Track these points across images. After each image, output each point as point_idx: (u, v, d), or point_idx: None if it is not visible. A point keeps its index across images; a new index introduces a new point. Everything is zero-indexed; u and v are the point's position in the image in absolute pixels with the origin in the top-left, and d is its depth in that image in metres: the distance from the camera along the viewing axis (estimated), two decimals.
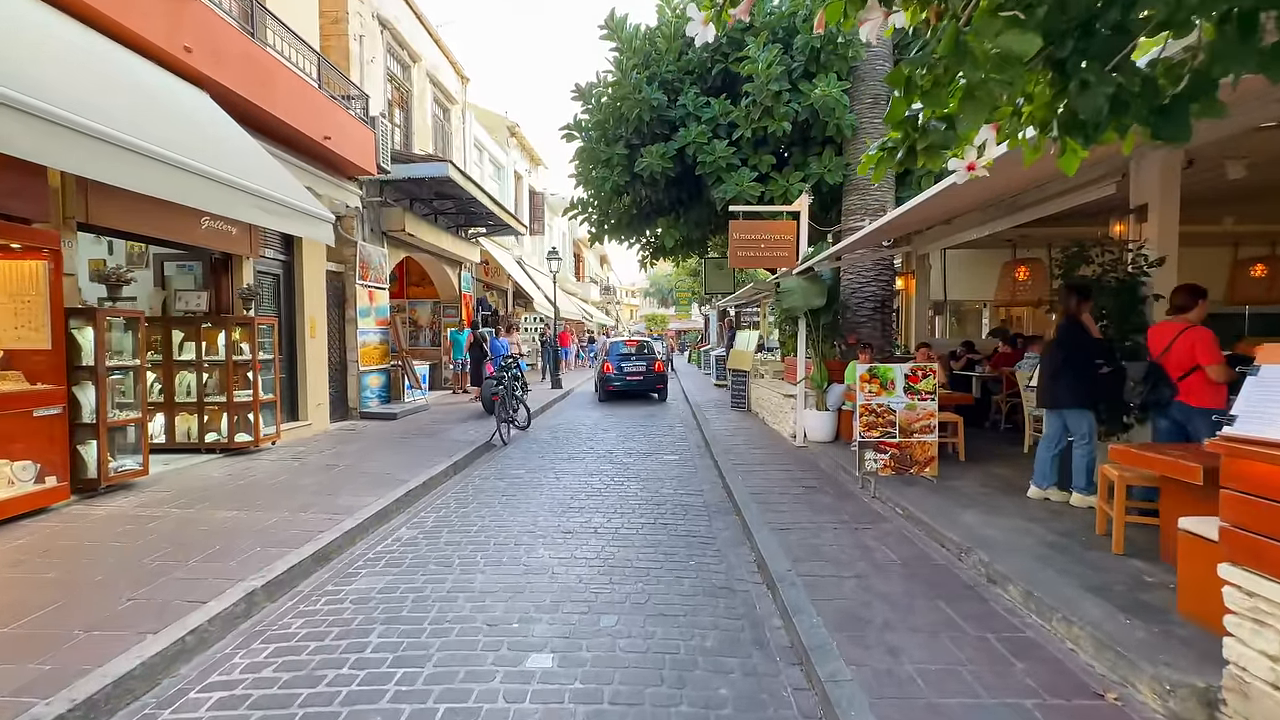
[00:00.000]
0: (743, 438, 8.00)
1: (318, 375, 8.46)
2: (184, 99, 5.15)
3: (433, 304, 14.71)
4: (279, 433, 7.19)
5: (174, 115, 4.76)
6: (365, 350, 9.86)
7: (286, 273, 8.07)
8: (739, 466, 6.29)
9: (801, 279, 7.01)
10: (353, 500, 4.95)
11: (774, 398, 8.47)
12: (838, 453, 6.55)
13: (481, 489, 5.83)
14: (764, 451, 7.06)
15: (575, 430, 9.38)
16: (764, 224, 7.32)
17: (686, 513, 5.05)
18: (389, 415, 9.61)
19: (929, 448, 5.11)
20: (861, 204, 7.64)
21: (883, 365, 5.18)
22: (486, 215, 12.76)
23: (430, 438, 8.02)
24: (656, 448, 7.92)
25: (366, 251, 9.78)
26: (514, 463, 7.02)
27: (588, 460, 7.10)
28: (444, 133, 13.76)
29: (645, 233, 10.73)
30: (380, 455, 6.84)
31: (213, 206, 4.49)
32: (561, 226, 28.41)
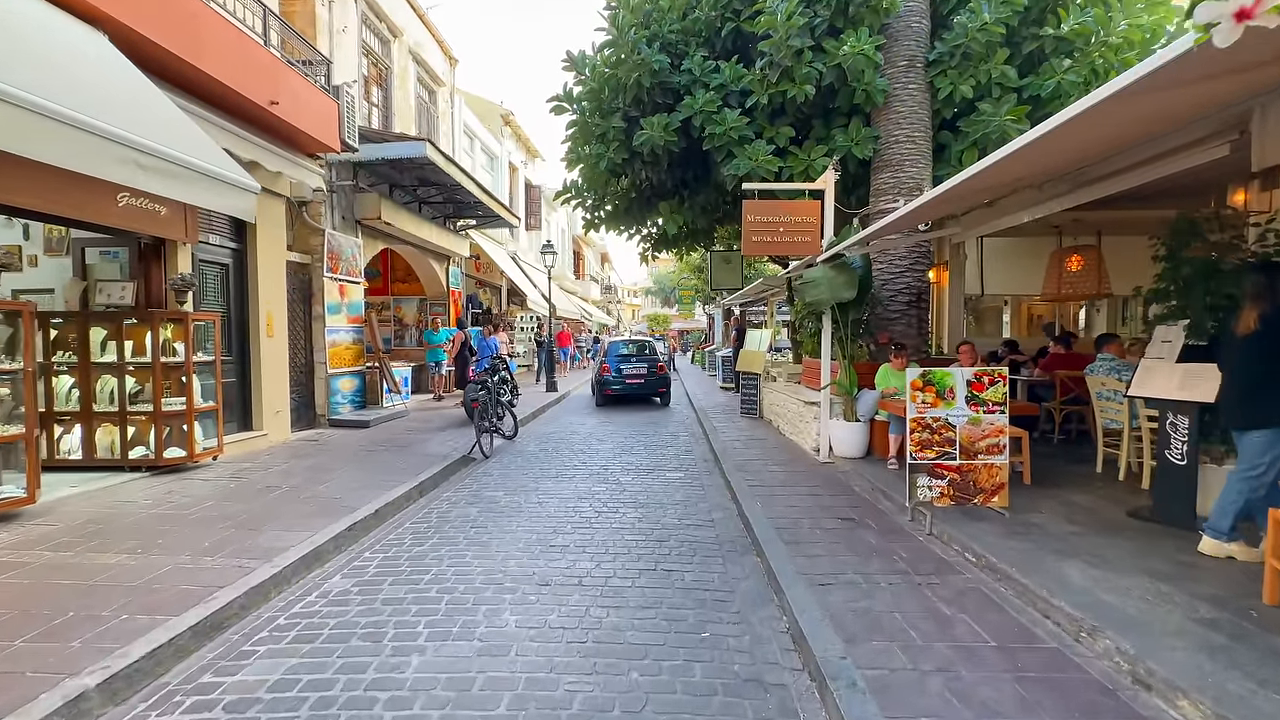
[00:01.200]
0: (757, 450, 7.00)
1: (276, 379, 7.49)
2: (69, 36, 4.17)
3: (419, 301, 13.75)
4: (221, 446, 6.21)
5: (43, 50, 3.78)
6: (335, 351, 8.89)
7: (237, 262, 7.10)
8: (756, 488, 5.30)
9: (828, 268, 6.01)
10: (280, 538, 3.97)
11: (792, 405, 7.47)
12: (873, 471, 5.54)
13: (448, 517, 4.85)
14: (783, 469, 6.06)
15: (568, 440, 8.39)
16: (783, 204, 6.32)
17: (694, 553, 4.05)
18: (361, 423, 8.64)
19: (998, 472, 4.11)
20: (894, 182, 6.64)
21: (939, 370, 4.18)
22: (475, 205, 11.79)
23: (400, 450, 7.04)
24: (658, 462, 6.93)
25: (336, 241, 8.81)
26: (493, 481, 6.04)
27: (578, 479, 6.11)
28: (429, 116, 12.80)
29: (646, 222, 9.74)
30: (337, 472, 5.86)
31: (66, 159, 3.50)
32: (560, 222, 27.44)
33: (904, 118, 6.59)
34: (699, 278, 23.87)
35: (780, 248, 6.28)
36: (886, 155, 6.71)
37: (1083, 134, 3.30)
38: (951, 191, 4.29)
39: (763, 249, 6.32)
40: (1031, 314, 13.18)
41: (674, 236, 10.65)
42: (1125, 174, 4.60)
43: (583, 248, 33.44)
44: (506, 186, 18.19)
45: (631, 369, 12.32)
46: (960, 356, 5.67)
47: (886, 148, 6.69)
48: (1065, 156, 4.30)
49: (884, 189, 6.75)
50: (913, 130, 6.61)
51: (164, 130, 4.28)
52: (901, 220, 5.25)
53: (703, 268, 22.37)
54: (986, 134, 6.37)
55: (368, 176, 9.72)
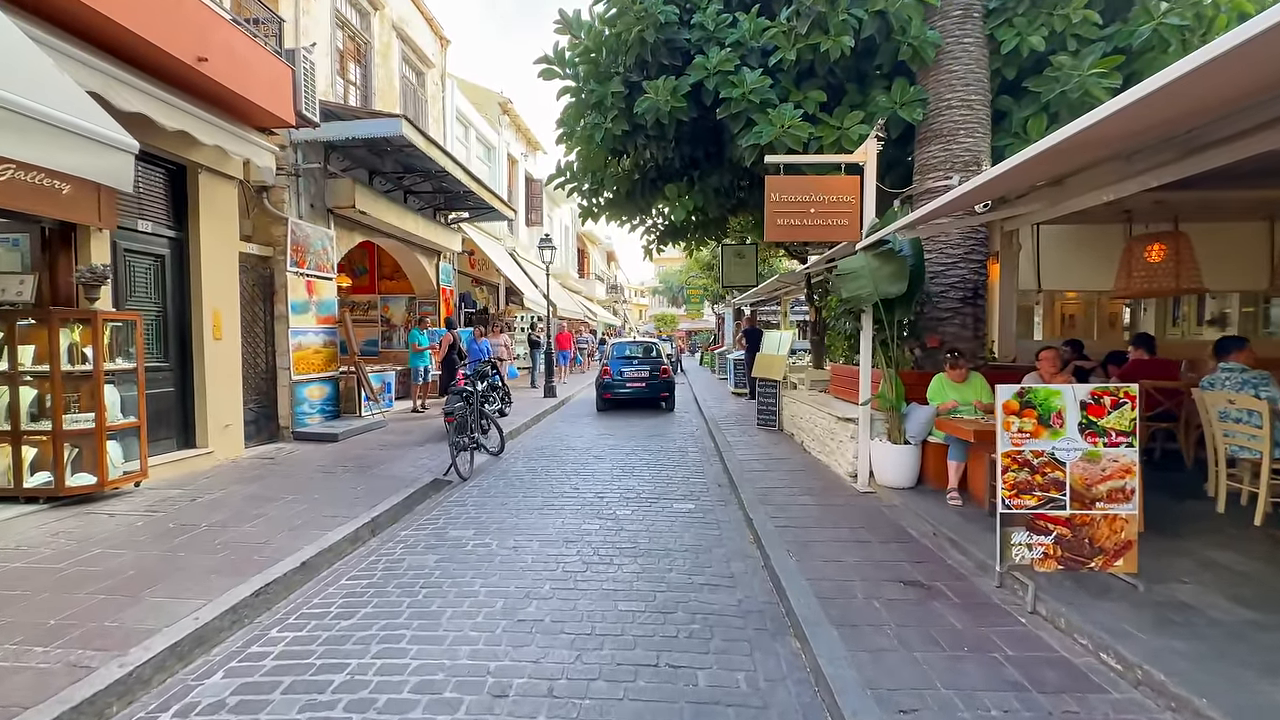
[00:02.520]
0: (780, 474, 5.93)
1: (225, 388, 6.52)
2: None
3: (408, 300, 12.79)
4: (145, 469, 5.23)
5: None
6: (302, 355, 7.92)
7: (176, 254, 6.13)
8: (785, 529, 4.24)
9: (870, 257, 4.94)
10: (160, 610, 2.96)
11: (820, 419, 6.39)
12: (929, 508, 4.46)
13: (396, 570, 3.82)
14: (815, 501, 4.99)
15: (562, 457, 7.36)
16: (814, 181, 5.26)
17: (711, 632, 3.01)
18: (329, 437, 7.66)
19: (1123, 526, 3.03)
20: (946, 156, 5.56)
21: (1044, 388, 3.10)
22: (465, 195, 10.80)
23: (364, 471, 6.04)
24: (664, 487, 5.88)
25: (302, 231, 7.83)
26: (464, 514, 5.01)
27: (568, 511, 5.07)
28: (416, 99, 11.82)
29: (650, 210, 8.69)
30: (278, 504, 4.86)
31: None
32: (564, 219, 26.44)
33: (958, 78, 5.51)
34: (708, 275, 22.77)
35: (810, 232, 5.21)
36: (936, 124, 5.62)
37: (1233, 75, 2.24)
38: (1029, 164, 3.21)
39: (789, 234, 5.25)
40: (1064, 313, 12.01)
41: (682, 226, 9.59)
42: (1260, 133, 3.43)
43: (587, 246, 32.44)
44: (505, 179, 17.21)
45: (633, 372, 11.67)
46: (1039, 365, 4.58)
47: (936, 115, 5.61)
48: (1182, 111, 3.17)
49: (932, 164, 5.66)
50: (968, 93, 5.53)
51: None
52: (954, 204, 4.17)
53: (713, 264, 21.27)
54: (1064, 93, 5.28)
55: (341, 160, 8.75)
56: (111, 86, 4.38)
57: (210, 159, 6.14)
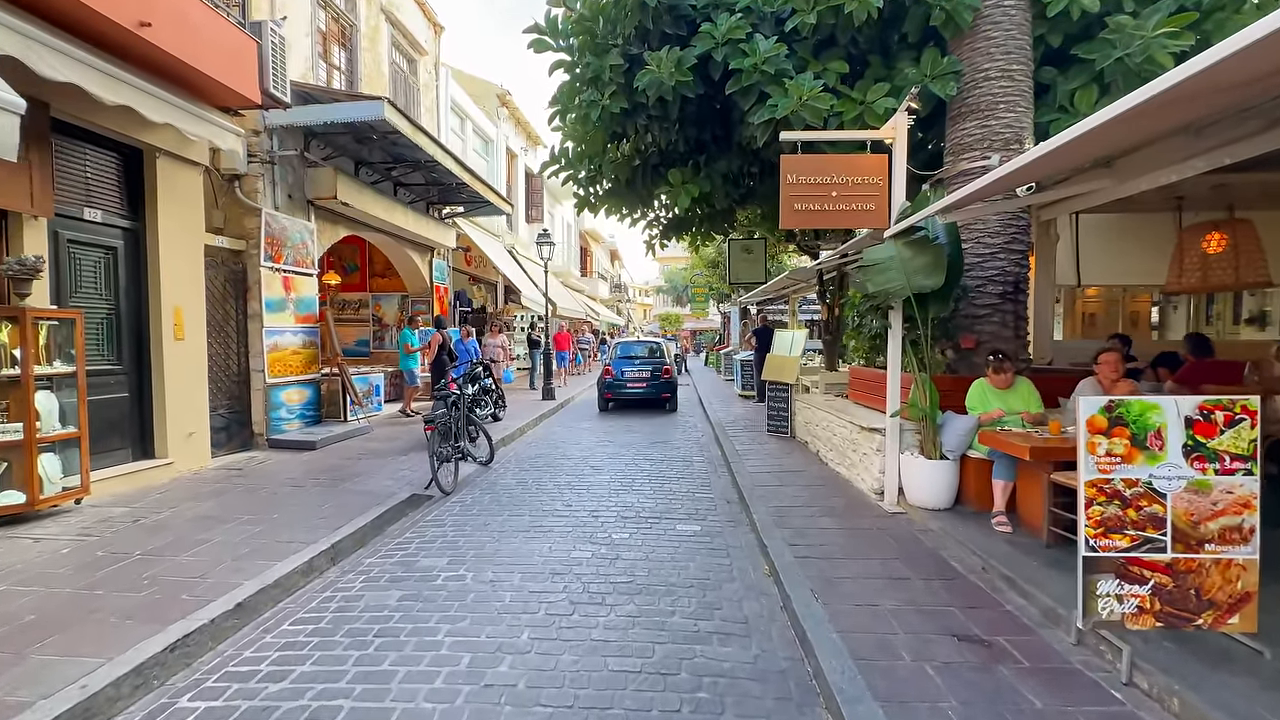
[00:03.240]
0: (796, 489, 5.33)
1: (188, 393, 5.97)
2: None
3: (400, 298, 12.26)
4: (87, 485, 4.69)
5: None
6: (278, 356, 7.37)
7: (131, 246, 5.59)
8: (806, 561, 3.64)
9: (901, 245, 4.33)
10: (32, 680, 2.40)
11: (840, 428, 5.78)
12: (973, 535, 3.85)
13: (350, 611, 3.25)
14: (839, 523, 4.38)
15: (555, 467, 6.78)
16: (836, 160, 4.65)
17: (723, 704, 2.42)
18: (306, 445, 7.10)
19: (1241, 573, 2.41)
20: (984, 133, 4.94)
21: (1138, 400, 2.49)
22: (458, 188, 10.24)
23: (336, 484, 5.48)
24: (666, 504, 5.29)
25: (278, 223, 7.29)
26: (440, 537, 4.44)
27: (558, 534, 4.49)
28: (408, 87, 11.27)
29: (651, 201, 8.09)
30: (230, 525, 4.31)
31: None
32: (566, 216, 25.88)
33: (997, 45, 4.89)
34: (713, 273, 22.16)
35: (832, 218, 4.61)
36: (971, 98, 5.01)
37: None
38: (1104, 129, 2.61)
39: (807, 220, 4.65)
40: (1084, 311, 11.34)
41: (686, 219, 9.00)
42: None
43: (590, 244, 31.88)
44: (503, 174, 16.65)
45: (635, 372, 11.55)
46: (1098, 369, 3.96)
47: (972, 88, 4.99)
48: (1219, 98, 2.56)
49: (967, 143, 5.04)
50: (1009, 62, 4.91)
51: None
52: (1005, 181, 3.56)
53: (719, 262, 20.67)
54: (1122, 59, 4.65)
55: (323, 148, 8.21)
56: (33, 50, 3.83)
57: (169, 142, 5.59)
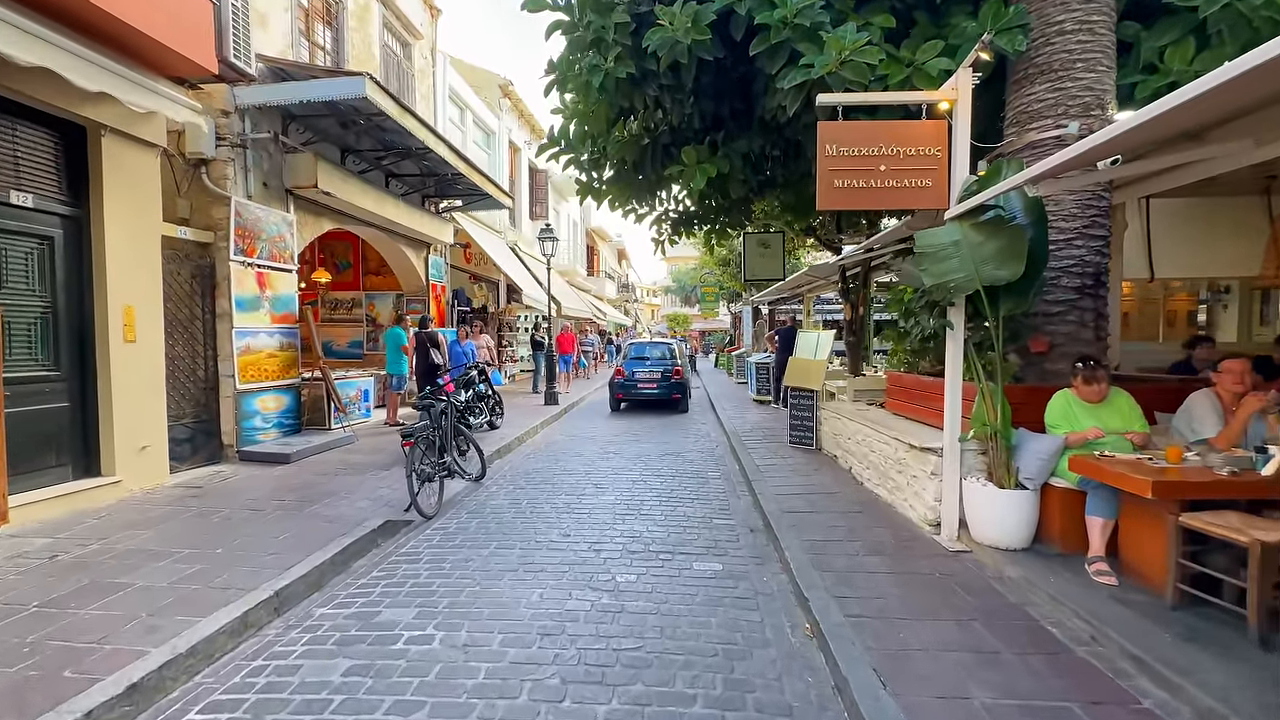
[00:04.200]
0: (832, 517, 4.57)
1: (141, 401, 5.31)
2: None
3: (395, 297, 11.61)
4: (3, 511, 4.02)
5: None
6: (251, 360, 6.70)
7: (72, 235, 4.93)
8: (860, 621, 2.89)
9: (968, 228, 3.57)
10: None
11: (880, 444, 5.01)
12: (1069, 589, 3.07)
13: (272, 697, 2.54)
14: (892, 565, 3.61)
15: (554, 483, 6.06)
16: (885, 128, 3.89)
17: None
18: (280, 458, 6.43)
19: None
20: (1057, 97, 4.15)
21: None
22: (455, 178, 9.56)
23: (303, 507, 4.79)
24: (680, 533, 4.55)
25: (250, 214, 6.62)
26: (412, 578, 3.72)
27: (550, 574, 3.75)
28: (401, 72, 10.60)
29: (660, 187, 7.35)
30: (165, 562, 3.62)
31: None
32: (572, 213, 25.20)
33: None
34: (724, 272, 21.37)
35: (879, 197, 3.85)
36: (1041, 56, 4.23)
37: None
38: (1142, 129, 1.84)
39: (849, 199, 3.89)
40: None
41: (697, 213, 8.25)
42: None
43: (597, 242, 31.20)
44: (506, 168, 15.98)
45: (646, 373, 11.62)
46: (1219, 380, 3.18)
47: (1043, 43, 4.21)
48: None
49: (1036, 109, 4.25)
50: (1087, 13, 4.13)
51: None
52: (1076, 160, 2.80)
53: (729, 260, 19.89)
54: (1231, 5, 3.85)
55: (303, 132, 7.54)
56: None
57: (116, 118, 4.93)
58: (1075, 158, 2.79)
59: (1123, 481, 2.91)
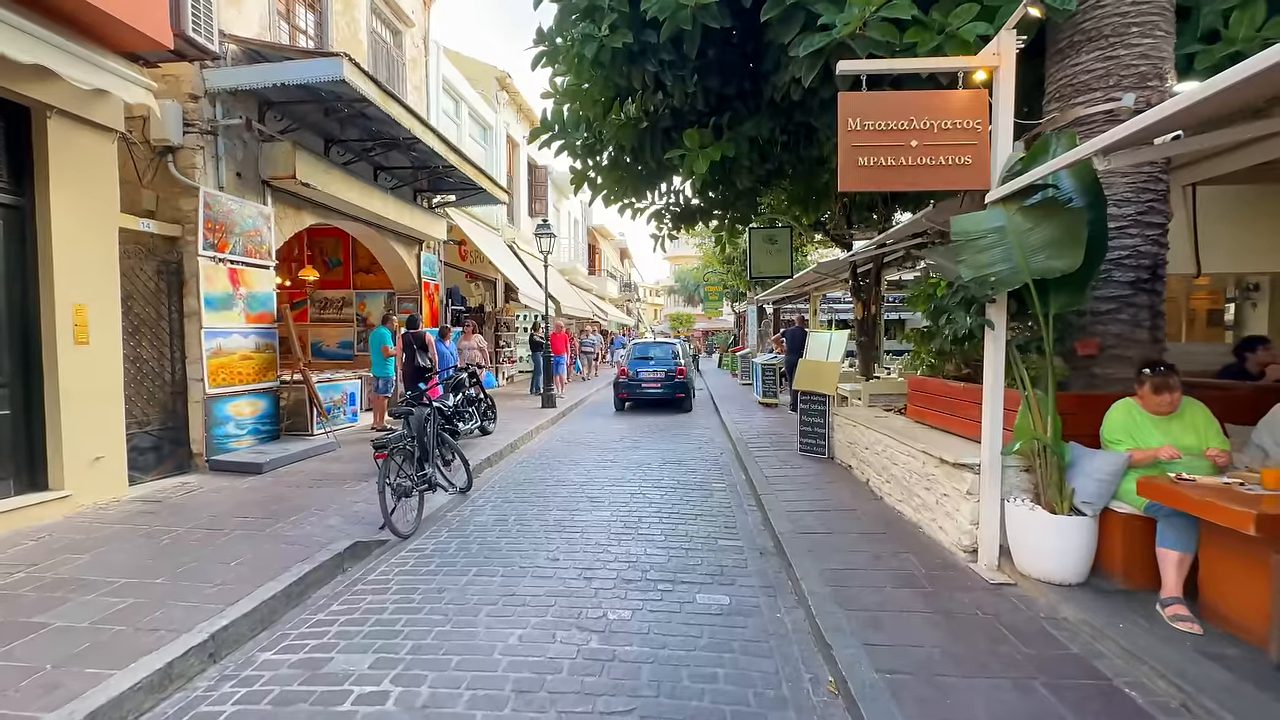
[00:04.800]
0: (852, 539, 4.09)
1: (95, 408, 4.87)
2: None
3: (386, 296, 11.18)
4: None
5: None
6: (224, 362, 6.26)
7: (14, 226, 4.49)
8: (897, 678, 2.41)
9: (1014, 213, 3.10)
10: None
11: (904, 456, 4.53)
12: (1145, 639, 2.58)
13: None
14: (927, 604, 3.13)
15: (546, 497, 5.59)
16: (917, 99, 3.41)
17: None
18: (252, 467, 5.98)
19: None
20: (1109, 67, 3.67)
21: None
22: (446, 170, 9.11)
23: (266, 526, 4.34)
24: (682, 555, 4.08)
25: (221, 206, 6.18)
26: (376, 613, 3.26)
27: (533, 610, 3.29)
28: (390, 60, 10.15)
29: (661, 177, 6.88)
30: (94, 595, 3.17)
31: None
32: (574, 211, 24.75)
33: None
34: (728, 270, 20.87)
35: (911, 176, 3.37)
36: (1089, 21, 3.74)
37: None
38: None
39: (875, 179, 3.42)
40: None
41: (700, 207, 7.77)
42: None
43: (599, 241, 30.75)
44: (504, 164, 15.53)
45: (650, 372, 11.67)
46: None
47: (1093, 5, 3.73)
48: None
49: (1084, 80, 3.76)
50: None
51: None
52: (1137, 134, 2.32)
53: (734, 258, 19.39)
54: None
55: (280, 119, 7.09)
56: None
57: (66, 99, 4.49)
58: (1155, 125, 2.31)
59: (1212, 512, 2.43)
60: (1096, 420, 3.28)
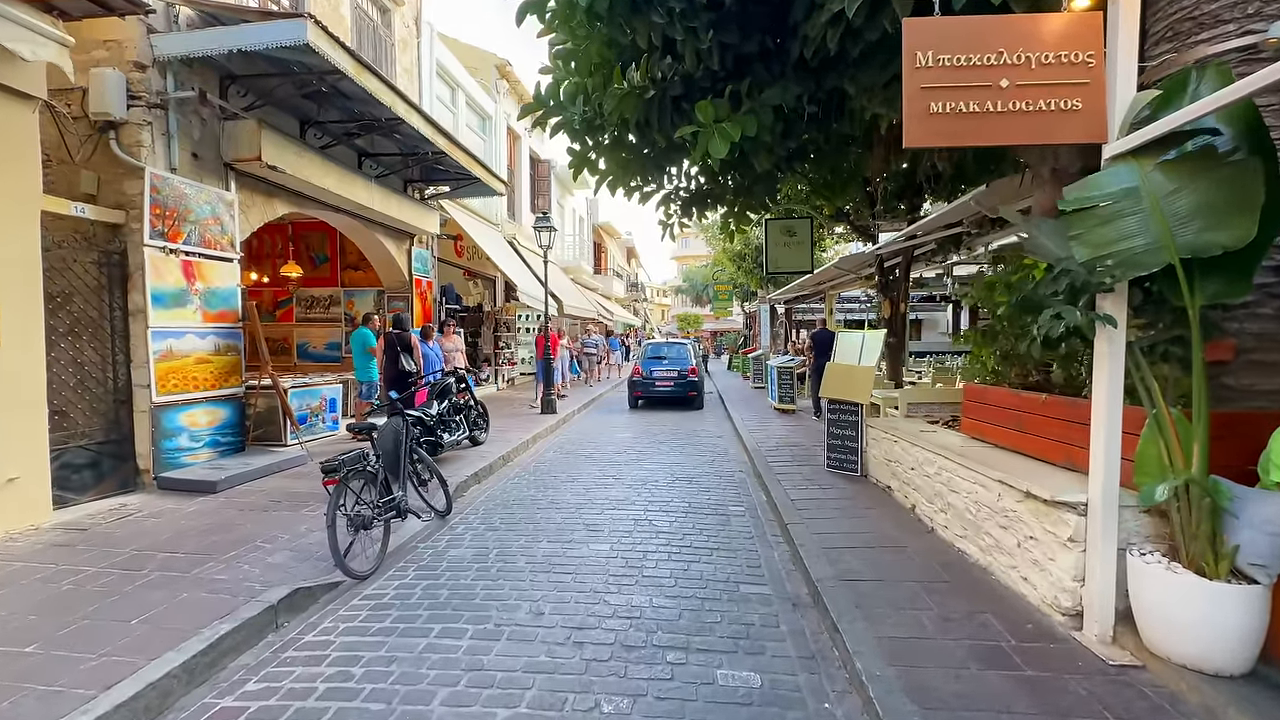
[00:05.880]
0: (910, 589, 3.28)
1: (10, 421, 4.16)
2: None
3: (376, 294, 10.47)
4: None
5: None
6: (175, 366, 5.55)
7: None
8: None
9: (1154, 169, 2.28)
10: None
11: (968, 484, 3.71)
12: None
13: None
14: (1027, 697, 2.32)
15: (538, 523, 4.82)
16: (1005, 25, 2.61)
17: None
18: (204, 486, 5.26)
19: None
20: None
21: None
22: (435, 156, 8.40)
23: (200, 565, 3.60)
24: (696, 610, 3.29)
25: (173, 189, 5.46)
26: (299, 700, 2.50)
27: (500, 694, 2.52)
28: (377, 40, 9.45)
29: (669, 162, 6.11)
30: None
31: None
32: (579, 208, 24.03)
33: None
34: (738, 268, 20.04)
35: (1000, 127, 2.57)
36: None
37: None
38: None
39: (953, 130, 2.61)
40: None
41: (711, 189, 6.97)
42: None
43: (605, 239, 30.01)
44: (505, 156, 14.82)
45: (663, 371, 12.11)
46: None
47: None
48: None
49: (1209, 11, 2.95)
50: None
51: None
52: None
53: (745, 255, 18.57)
54: None
55: (245, 95, 6.38)
56: None
57: None
58: None
59: None
60: (1246, 447, 2.46)
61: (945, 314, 21.29)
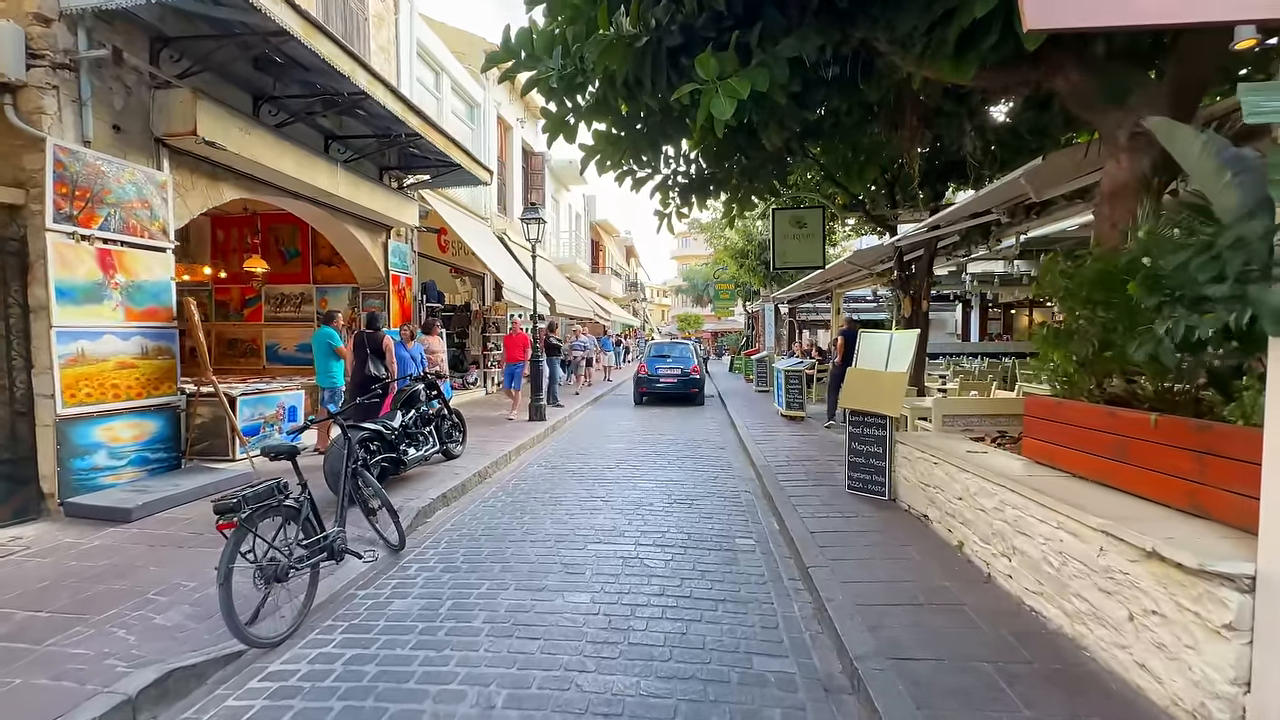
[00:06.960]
0: (985, 683, 2.47)
1: None
2: None
3: (351, 291, 9.68)
4: None
5: None
6: (87, 371, 4.74)
7: None
8: None
9: None
10: None
11: (1043, 525, 2.92)
12: None
13: None
14: None
15: (507, 561, 4.02)
16: None
17: None
18: (117, 513, 4.45)
19: None
20: None
21: None
22: (409, 138, 7.61)
23: (63, 630, 2.80)
24: (698, 697, 2.49)
25: (84, 165, 4.66)
26: None
27: None
28: (348, 14, 8.64)
29: (665, 139, 5.33)
30: None
31: None
32: (575, 204, 23.22)
33: None
34: (740, 266, 19.23)
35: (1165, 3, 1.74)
36: None
37: None
38: None
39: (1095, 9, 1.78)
40: None
41: (713, 173, 6.18)
42: None
43: (603, 238, 29.19)
44: (494, 147, 14.01)
45: (666, 369, 12.85)
46: None
47: None
48: None
49: None
50: None
51: None
52: None
53: (748, 252, 17.76)
54: None
55: (178, 60, 5.57)
56: None
57: None
58: None
59: None
60: None
61: (954, 314, 20.46)
